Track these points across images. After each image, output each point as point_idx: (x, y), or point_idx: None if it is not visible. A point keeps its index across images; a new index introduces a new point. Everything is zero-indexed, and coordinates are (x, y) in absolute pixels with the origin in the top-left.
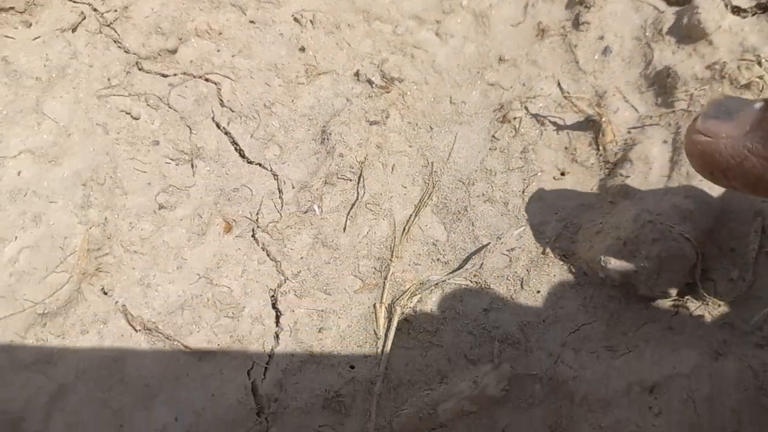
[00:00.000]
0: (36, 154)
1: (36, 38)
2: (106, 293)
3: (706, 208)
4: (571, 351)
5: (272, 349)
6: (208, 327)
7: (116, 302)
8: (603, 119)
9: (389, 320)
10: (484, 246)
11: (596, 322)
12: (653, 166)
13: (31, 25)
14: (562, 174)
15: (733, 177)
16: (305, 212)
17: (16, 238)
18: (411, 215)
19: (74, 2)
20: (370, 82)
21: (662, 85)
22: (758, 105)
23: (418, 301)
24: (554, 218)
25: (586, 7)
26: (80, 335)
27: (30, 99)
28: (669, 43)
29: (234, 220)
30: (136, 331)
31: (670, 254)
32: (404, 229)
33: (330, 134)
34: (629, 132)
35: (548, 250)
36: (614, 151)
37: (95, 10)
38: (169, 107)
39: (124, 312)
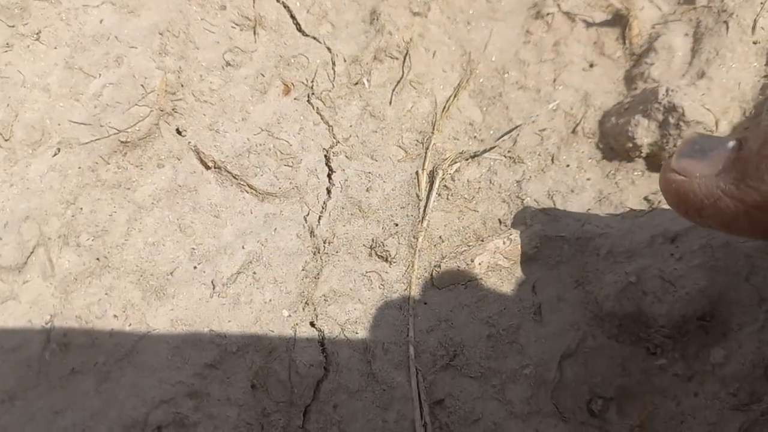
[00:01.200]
0: (117, 5)
1: None
2: (180, 133)
3: (722, 92)
4: (597, 215)
5: (325, 202)
6: (270, 172)
7: (189, 142)
8: (630, 14)
9: (430, 185)
10: (517, 126)
11: (620, 191)
12: (676, 55)
13: None
14: (591, 66)
15: (708, 216)
16: (355, 84)
17: (99, 75)
18: (450, 96)
19: None
20: None
21: None
22: (731, 144)
23: (456, 170)
24: (583, 103)
25: None
26: (156, 168)
27: None
28: None
29: (292, 83)
30: (206, 168)
31: (695, 119)
32: (444, 107)
33: (379, 14)
34: (653, 27)
35: (577, 128)
36: (639, 44)
37: None
38: None
39: (196, 150)
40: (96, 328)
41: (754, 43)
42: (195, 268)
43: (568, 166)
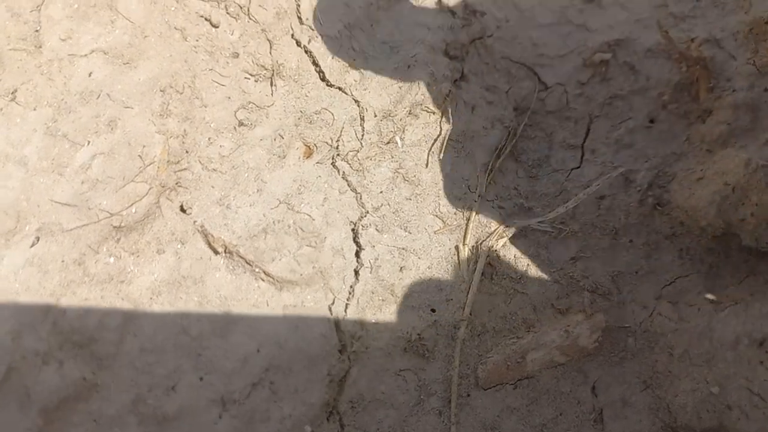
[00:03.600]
0: (109, 55)
1: None
2: (184, 210)
3: None
4: (668, 304)
5: (352, 286)
6: (291, 255)
7: (194, 221)
8: (698, 65)
9: (473, 263)
10: (571, 193)
11: (694, 274)
12: (759, 115)
13: None
14: (652, 121)
15: None
16: (387, 143)
17: (88, 143)
18: (492, 159)
19: None
20: (452, 12)
21: (761, 31)
22: None
23: (502, 246)
24: (645, 166)
25: None
26: (156, 254)
27: None
28: None
29: (314, 144)
30: (215, 253)
31: None
32: (487, 169)
33: (416, 61)
34: (728, 81)
35: (641, 198)
36: (711, 98)
37: None
38: (250, 18)
39: (203, 232)
40: None
41: None
42: (201, 379)
43: (630, 241)
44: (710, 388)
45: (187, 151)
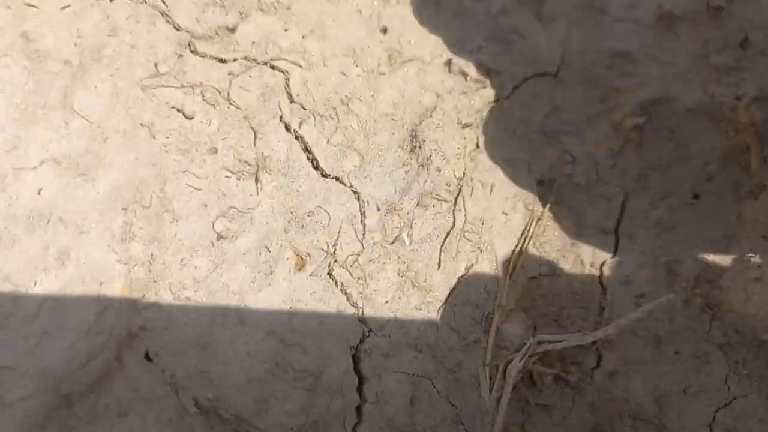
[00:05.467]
0: (62, 165)
1: (65, 7)
2: (150, 359)
3: None
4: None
5: (354, 429)
6: (279, 405)
7: (164, 371)
8: (749, 129)
9: (498, 390)
10: (607, 295)
11: (753, 394)
12: None
13: None
14: (696, 197)
15: None
16: (392, 242)
17: (35, 284)
18: (515, 249)
19: None
20: (464, 74)
21: None
22: None
23: (533, 363)
24: (690, 254)
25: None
26: (117, 418)
27: (56, 89)
28: None
29: (307, 253)
30: (189, 413)
31: None
32: (510, 266)
33: (423, 141)
34: None
35: (687, 297)
36: (764, 169)
37: None
38: (230, 103)
39: (173, 385)
40: None
41: None
42: None
43: (677, 353)
44: None
45: (154, 280)
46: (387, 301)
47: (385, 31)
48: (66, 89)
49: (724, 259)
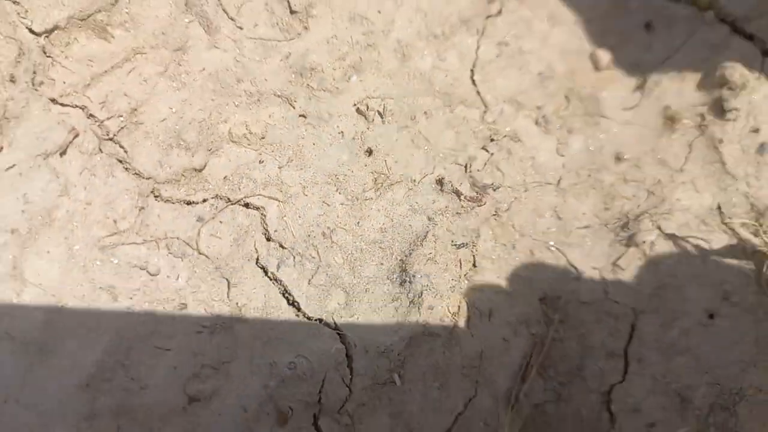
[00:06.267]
0: (17, 342)
1: (9, 168)
2: None
3: None
4: None
5: None
6: None
7: None
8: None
9: None
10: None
11: None
12: None
13: (1, 149)
14: (711, 317)
15: None
16: (383, 385)
17: None
18: (516, 382)
19: (61, 105)
20: (457, 192)
21: None
22: None
23: None
24: (704, 380)
25: (730, 89)
26: None
27: (4, 261)
28: None
29: (290, 407)
30: None
31: None
32: (510, 404)
33: (413, 276)
34: None
35: (701, 428)
36: None
37: (91, 116)
38: (200, 253)
39: None
40: None
41: None
42: None
43: None
44: None
45: None
46: None
47: (370, 152)
48: (14, 260)
49: (741, 387)
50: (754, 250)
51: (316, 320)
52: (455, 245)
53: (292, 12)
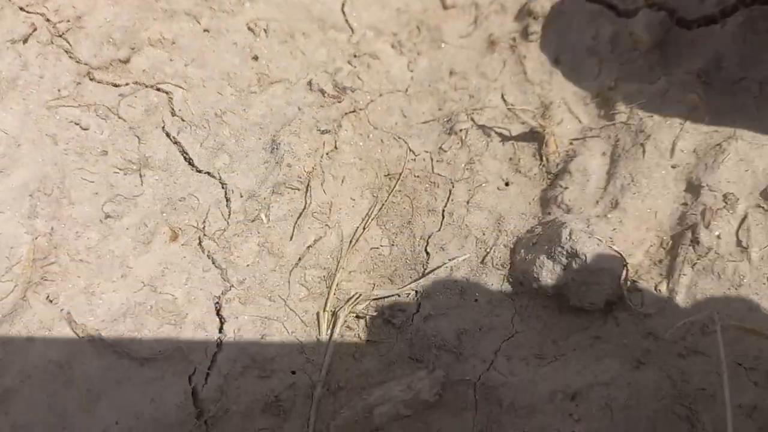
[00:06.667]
0: None
1: None
2: (51, 301)
3: (636, 224)
4: (504, 358)
5: (215, 355)
6: (151, 334)
7: (61, 310)
8: (546, 130)
9: (332, 327)
10: (431, 269)
11: (529, 330)
12: (591, 178)
13: None
14: (507, 184)
15: None
16: (252, 221)
17: None
18: (358, 228)
19: (27, 12)
20: (322, 91)
21: (605, 97)
22: None
23: (362, 309)
24: (495, 228)
25: (534, 18)
26: (26, 342)
27: None
28: (618, 56)
29: (180, 228)
30: (79, 338)
31: (598, 267)
32: (351, 241)
33: (279, 144)
34: (571, 143)
35: (487, 259)
36: (556, 162)
37: (48, 20)
38: (119, 117)
39: (68, 320)
40: None
41: (673, 167)
42: None
43: (476, 300)
44: None
45: (55, 247)
46: (248, 265)
47: (256, 58)
48: None
49: (520, 232)
50: (537, 132)
51: (205, 173)
52: (320, 131)
53: None
